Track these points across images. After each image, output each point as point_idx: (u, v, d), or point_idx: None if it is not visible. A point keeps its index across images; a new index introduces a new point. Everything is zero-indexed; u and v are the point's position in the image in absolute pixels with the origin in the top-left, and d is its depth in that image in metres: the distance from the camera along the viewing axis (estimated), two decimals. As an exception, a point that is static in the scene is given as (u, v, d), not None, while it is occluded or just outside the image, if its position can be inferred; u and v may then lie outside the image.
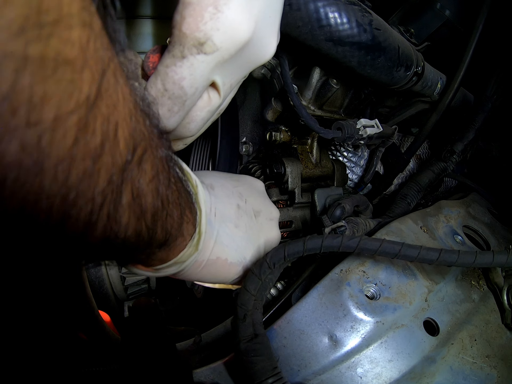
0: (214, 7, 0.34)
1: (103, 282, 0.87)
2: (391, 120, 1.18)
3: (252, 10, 0.36)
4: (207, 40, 0.35)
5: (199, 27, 0.35)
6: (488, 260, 0.62)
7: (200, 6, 0.34)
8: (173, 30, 0.36)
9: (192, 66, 0.36)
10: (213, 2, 0.34)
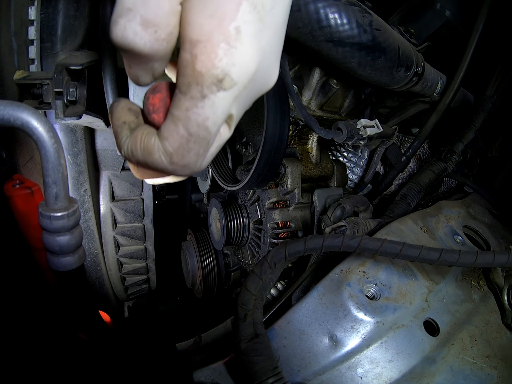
0: (226, 43, 0.33)
1: (103, 282, 0.87)
2: (391, 121, 1.18)
3: (261, 41, 0.36)
4: (225, 76, 0.34)
5: (214, 64, 0.34)
6: (488, 260, 0.62)
7: (211, 43, 0.33)
8: (184, 70, 0.34)
9: (214, 105, 0.35)
10: (224, 38, 0.33)
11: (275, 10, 0.37)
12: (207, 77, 0.34)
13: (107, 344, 0.57)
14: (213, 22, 0.33)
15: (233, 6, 0.33)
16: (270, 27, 0.37)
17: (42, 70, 0.64)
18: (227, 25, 0.33)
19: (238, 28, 0.34)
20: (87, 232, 0.78)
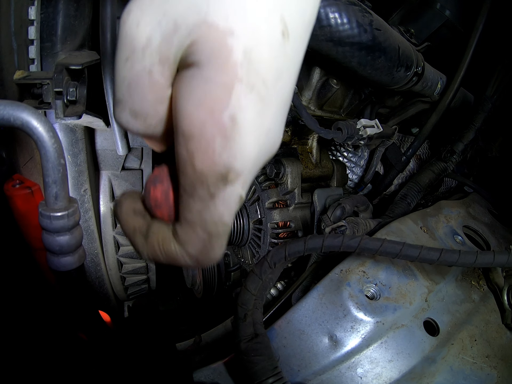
0: (222, 136, 0.30)
1: (103, 282, 0.87)
2: (391, 120, 1.18)
3: (264, 124, 0.32)
4: (229, 171, 0.31)
5: (214, 161, 0.30)
6: (488, 260, 0.62)
7: (205, 138, 0.30)
8: (184, 168, 0.32)
9: (225, 200, 0.33)
10: (218, 130, 0.29)
11: (282, 82, 0.32)
12: (210, 176, 0.31)
13: (107, 344, 0.57)
14: (202, 112, 0.30)
15: (223, 92, 0.29)
16: (275, 103, 0.32)
17: (42, 70, 0.64)
18: (219, 115, 0.29)
19: (233, 117, 0.30)
20: (87, 232, 0.78)
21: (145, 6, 0.30)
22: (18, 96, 0.56)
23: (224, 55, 0.29)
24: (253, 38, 0.30)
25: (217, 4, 0.29)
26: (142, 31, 0.30)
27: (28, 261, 0.56)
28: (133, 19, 0.30)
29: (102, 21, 0.61)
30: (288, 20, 0.31)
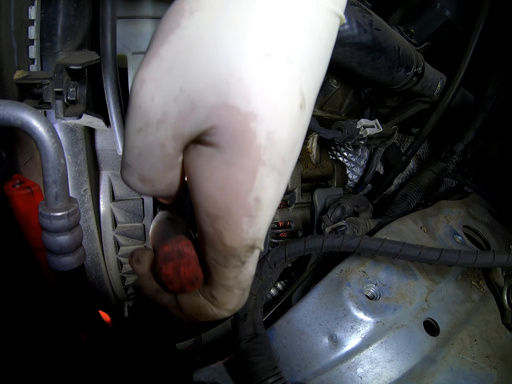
0: (248, 216, 0.31)
1: (103, 282, 0.87)
2: (391, 120, 1.18)
3: (280, 192, 0.33)
4: (255, 241, 0.33)
5: (243, 237, 0.32)
6: (488, 260, 0.62)
7: (232, 219, 0.31)
8: (213, 244, 0.33)
9: (253, 262, 0.35)
10: (244, 211, 0.30)
11: (297, 149, 0.32)
12: (240, 249, 0.33)
13: (107, 344, 0.57)
14: (227, 195, 0.30)
15: (247, 176, 0.29)
16: (290, 170, 0.33)
17: (42, 70, 0.64)
18: (244, 199, 0.30)
19: (258, 198, 0.30)
20: (87, 232, 0.77)
21: (160, 78, 0.29)
22: (18, 96, 0.56)
23: (248, 140, 0.29)
24: (276, 121, 0.29)
25: (238, 85, 0.28)
26: (157, 107, 0.29)
27: (28, 261, 0.56)
28: (148, 92, 0.29)
29: (102, 21, 0.61)
30: (306, 91, 0.31)
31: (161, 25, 0.30)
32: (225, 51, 0.28)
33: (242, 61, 0.28)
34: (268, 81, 0.28)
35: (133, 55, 0.73)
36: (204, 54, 0.28)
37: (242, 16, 0.28)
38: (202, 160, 0.31)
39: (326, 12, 0.31)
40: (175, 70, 0.28)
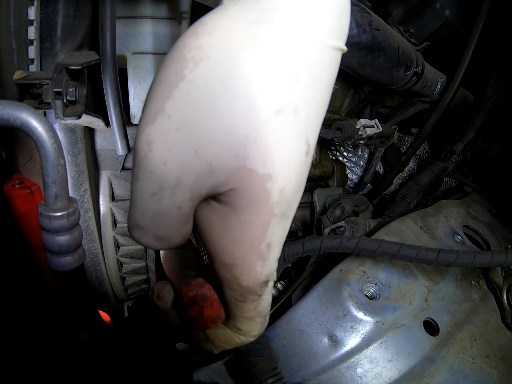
0: (261, 260, 0.32)
1: (103, 282, 0.87)
2: (391, 120, 1.18)
3: (286, 231, 0.34)
4: (269, 277, 0.35)
5: (258, 278, 0.34)
6: (486, 260, 0.62)
7: (247, 265, 0.33)
8: (231, 285, 0.35)
9: (269, 291, 0.37)
10: (258, 257, 0.32)
11: (300, 193, 0.34)
12: (255, 287, 0.34)
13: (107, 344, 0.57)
14: (243, 248, 0.32)
15: (261, 229, 0.31)
16: (296, 208, 0.35)
17: (42, 70, 0.64)
18: (258, 247, 0.32)
19: (269, 244, 0.32)
20: (87, 232, 0.77)
21: (170, 140, 0.27)
22: (18, 96, 0.56)
23: (264, 200, 0.29)
24: (287, 177, 0.30)
25: (255, 147, 0.27)
26: (171, 171, 0.27)
27: (28, 261, 0.56)
28: (159, 156, 0.27)
29: (102, 21, 0.61)
30: (311, 138, 0.31)
31: (161, 75, 0.29)
32: (238, 111, 0.27)
33: (257, 121, 0.27)
34: (281, 140, 0.28)
35: (133, 55, 0.73)
36: (217, 114, 0.27)
37: (250, 69, 0.27)
38: (217, 218, 0.32)
39: (329, 50, 0.30)
40: (186, 131, 0.27)
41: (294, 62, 0.29)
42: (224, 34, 0.28)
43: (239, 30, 0.28)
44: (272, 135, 0.28)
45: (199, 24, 0.29)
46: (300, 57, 0.29)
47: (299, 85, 0.29)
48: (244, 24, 0.28)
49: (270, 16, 0.28)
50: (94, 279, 0.84)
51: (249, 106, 0.27)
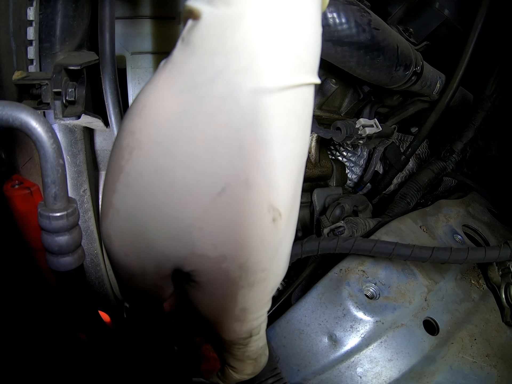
0: (238, 321, 0.33)
1: (103, 282, 0.87)
2: (390, 120, 1.18)
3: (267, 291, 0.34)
4: (251, 331, 0.36)
5: (238, 335, 0.35)
6: (480, 256, 0.62)
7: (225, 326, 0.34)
8: (217, 337, 0.36)
9: (257, 339, 0.38)
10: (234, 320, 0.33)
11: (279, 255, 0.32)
12: (238, 340, 0.36)
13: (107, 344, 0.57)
14: (216, 314, 0.33)
15: (230, 300, 0.31)
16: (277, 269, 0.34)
17: (41, 71, 0.64)
18: (231, 312, 0.32)
19: (243, 308, 0.32)
20: (86, 232, 0.77)
21: (122, 234, 0.28)
22: (17, 96, 0.56)
23: (223, 277, 0.29)
24: (246, 252, 0.28)
25: (201, 234, 0.27)
26: (133, 262, 0.28)
27: (27, 261, 0.56)
28: (118, 249, 0.28)
29: (101, 21, 0.61)
30: (279, 202, 0.28)
31: (108, 164, 0.29)
32: (177, 201, 0.26)
33: (198, 209, 0.26)
34: (230, 219, 0.27)
35: (132, 55, 0.73)
36: (157, 207, 0.26)
37: (183, 150, 0.25)
38: (190, 290, 0.33)
39: (301, 93, 0.27)
40: (134, 225, 0.27)
41: (232, 132, 0.25)
42: (152, 113, 0.26)
43: (167, 105, 0.26)
44: (218, 217, 0.26)
45: (135, 101, 0.28)
46: (239, 123, 0.25)
47: (245, 155, 0.26)
48: (171, 97, 0.26)
49: (198, 78, 0.25)
50: (94, 279, 0.84)
51: (188, 194, 0.26)
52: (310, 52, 0.28)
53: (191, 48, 0.26)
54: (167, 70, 0.27)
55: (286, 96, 0.27)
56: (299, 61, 0.27)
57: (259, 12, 0.25)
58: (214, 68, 0.25)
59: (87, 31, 0.68)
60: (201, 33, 0.25)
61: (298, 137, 0.28)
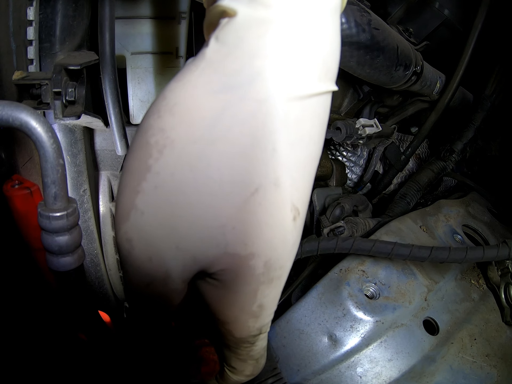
0: (253, 317, 0.33)
1: (103, 282, 0.87)
2: (390, 120, 1.18)
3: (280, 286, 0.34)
4: (261, 329, 0.36)
5: (250, 331, 0.35)
6: (478, 255, 0.62)
7: (240, 323, 0.34)
8: (226, 337, 0.36)
9: (262, 338, 0.38)
10: (250, 317, 0.33)
11: (294, 252, 0.33)
12: (248, 337, 0.35)
13: (107, 344, 0.57)
14: (235, 311, 0.33)
15: (251, 296, 0.31)
16: (290, 266, 0.34)
17: (41, 70, 0.64)
18: (249, 309, 0.32)
19: (261, 305, 0.32)
20: (86, 232, 0.77)
21: (148, 237, 0.27)
22: (17, 96, 0.56)
23: (249, 274, 0.30)
24: (270, 249, 0.29)
25: (234, 233, 0.27)
26: (158, 266, 0.27)
27: (27, 261, 0.56)
28: (142, 253, 0.27)
29: (101, 21, 0.61)
30: (298, 202, 0.30)
31: (129, 162, 0.27)
32: (212, 202, 0.26)
33: (232, 209, 0.26)
34: (261, 218, 0.27)
35: (132, 55, 0.73)
36: (190, 208, 0.26)
37: (219, 151, 0.25)
38: (209, 288, 0.32)
39: (311, 100, 0.28)
40: (163, 228, 0.26)
41: (268, 133, 0.26)
42: (186, 112, 0.25)
43: (202, 104, 0.25)
44: (250, 217, 0.27)
45: (161, 98, 0.27)
46: (274, 125, 0.26)
47: (277, 156, 0.27)
48: (207, 96, 0.25)
49: (236, 80, 0.25)
50: (94, 279, 0.84)
51: (223, 194, 0.26)
52: (333, 60, 0.29)
53: (227, 48, 0.26)
54: (200, 69, 0.26)
55: (313, 102, 0.28)
56: (326, 69, 0.28)
57: (295, 18, 0.26)
58: (252, 70, 0.25)
59: (87, 31, 0.68)
60: (238, 33, 0.25)
61: (319, 140, 0.30)
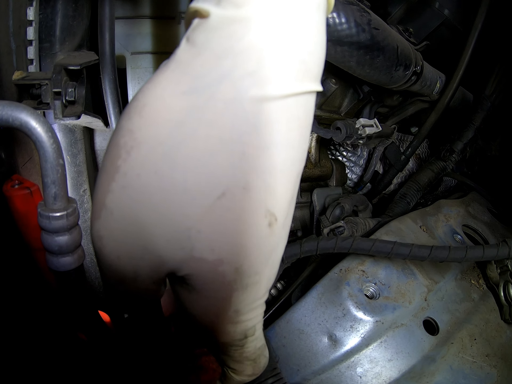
0: (231, 323, 0.33)
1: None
2: (390, 120, 1.18)
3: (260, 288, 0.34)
4: (245, 332, 0.36)
5: (232, 336, 0.35)
6: (478, 254, 0.62)
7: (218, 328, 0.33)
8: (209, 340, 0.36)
9: (254, 339, 0.38)
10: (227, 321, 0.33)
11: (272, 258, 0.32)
12: (233, 341, 0.35)
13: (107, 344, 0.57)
14: (209, 316, 0.32)
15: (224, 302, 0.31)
16: (269, 271, 0.33)
17: (41, 71, 0.64)
18: (225, 314, 0.32)
19: (237, 310, 0.32)
20: (86, 232, 0.77)
21: (117, 236, 0.27)
22: (17, 96, 0.56)
23: (218, 280, 0.29)
24: (241, 255, 0.28)
25: (199, 237, 0.27)
26: (126, 265, 0.28)
27: (27, 261, 0.56)
28: (111, 251, 0.27)
29: (101, 21, 0.61)
30: (275, 208, 0.29)
31: (103, 163, 0.28)
32: (176, 204, 0.26)
33: (197, 212, 0.26)
34: (228, 223, 0.27)
35: (132, 55, 0.73)
36: (155, 209, 0.26)
37: (184, 153, 0.25)
38: (184, 292, 0.32)
39: (304, 100, 0.28)
40: (130, 228, 0.26)
41: (236, 136, 0.25)
42: (154, 113, 0.25)
43: (170, 105, 0.25)
44: (217, 221, 0.26)
45: (134, 100, 0.27)
46: (243, 127, 0.25)
47: (246, 160, 0.26)
48: (175, 97, 0.25)
49: (204, 80, 0.25)
50: (94, 279, 0.84)
51: (188, 196, 0.25)
52: (315, 60, 0.29)
53: (196, 49, 0.25)
54: (170, 70, 0.26)
55: (290, 103, 0.27)
56: (304, 69, 0.27)
57: (267, 17, 0.25)
58: (220, 70, 0.25)
59: (87, 31, 0.68)
60: (207, 34, 0.25)
61: (298, 144, 0.29)
